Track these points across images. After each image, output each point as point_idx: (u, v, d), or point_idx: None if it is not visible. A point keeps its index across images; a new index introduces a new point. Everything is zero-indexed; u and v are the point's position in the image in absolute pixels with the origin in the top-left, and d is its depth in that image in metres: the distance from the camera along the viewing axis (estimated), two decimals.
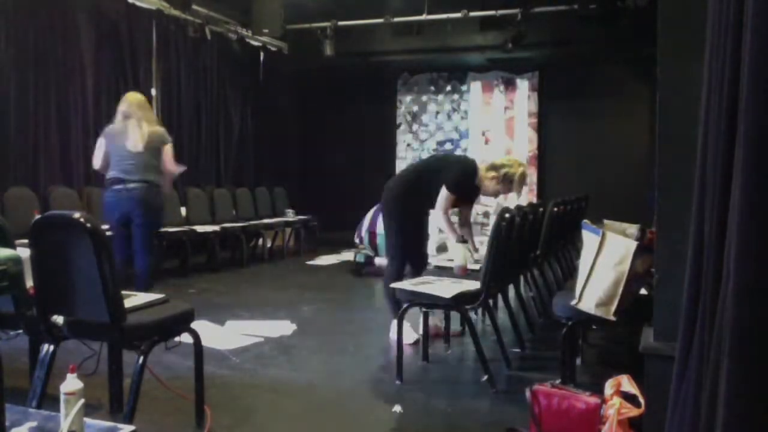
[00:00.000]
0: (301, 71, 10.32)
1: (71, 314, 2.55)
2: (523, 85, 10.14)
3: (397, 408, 3.07)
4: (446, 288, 3.53)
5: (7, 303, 2.60)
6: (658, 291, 2.21)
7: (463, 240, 4.30)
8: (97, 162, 4.88)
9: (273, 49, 10.09)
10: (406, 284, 3.67)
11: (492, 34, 8.94)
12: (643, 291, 2.90)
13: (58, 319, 2.57)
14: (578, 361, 3.64)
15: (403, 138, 10.83)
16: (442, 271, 4.12)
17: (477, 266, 3.90)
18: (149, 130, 4.75)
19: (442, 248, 5.19)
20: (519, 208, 4.11)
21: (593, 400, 2.42)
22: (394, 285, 3.71)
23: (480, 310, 4.67)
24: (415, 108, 10.73)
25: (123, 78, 7.34)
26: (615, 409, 2.28)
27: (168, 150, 4.82)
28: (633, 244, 2.61)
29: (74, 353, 3.08)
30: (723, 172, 1.41)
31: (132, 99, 4.84)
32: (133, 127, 4.71)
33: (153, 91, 7.82)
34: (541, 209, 4.85)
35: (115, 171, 4.71)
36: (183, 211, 7.72)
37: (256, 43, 9.73)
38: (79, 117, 6.76)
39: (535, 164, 10.11)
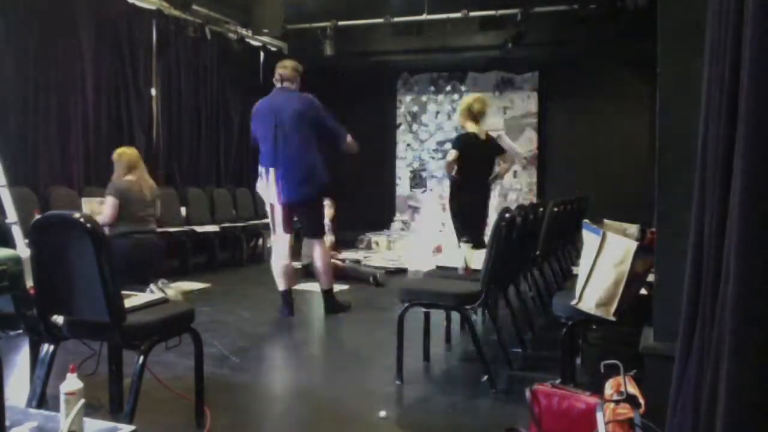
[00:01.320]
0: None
1: (71, 314, 2.55)
2: (523, 85, 10.14)
3: (383, 413, 3.03)
4: (446, 287, 3.53)
5: (7, 303, 2.60)
6: (658, 291, 2.22)
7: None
8: None
9: (273, 49, 10.09)
10: (407, 282, 3.68)
11: (492, 34, 8.93)
12: (643, 291, 2.90)
13: (58, 319, 2.57)
14: (578, 360, 3.64)
15: (403, 138, 10.83)
16: (445, 272, 4.12)
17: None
18: None
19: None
20: (520, 207, 4.11)
21: (593, 400, 2.41)
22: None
23: (480, 310, 4.67)
24: (415, 108, 10.73)
25: (123, 78, 7.34)
26: (610, 409, 2.28)
27: None
28: (633, 245, 2.61)
29: (74, 353, 3.09)
30: (723, 171, 1.41)
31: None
32: None
33: (153, 91, 7.82)
34: (541, 209, 4.85)
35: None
36: (183, 211, 7.72)
37: (256, 43, 9.73)
38: (79, 117, 6.75)
39: (535, 164, 10.12)
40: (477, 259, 4.09)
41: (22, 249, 2.68)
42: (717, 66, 1.51)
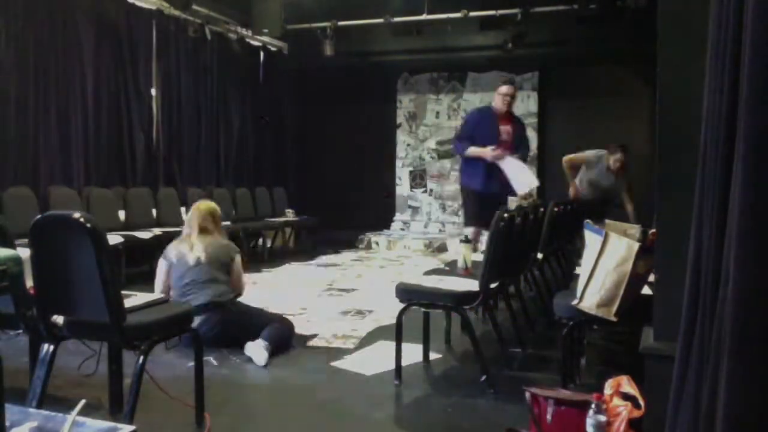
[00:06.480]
0: (301, 71, 10.32)
1: (71, 314, 2.55)
2: (523, 85, 10.14)
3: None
4: (445, 287, 3.53)
5: (7, 303, 2.60)
6: (658, 291, 2.21)
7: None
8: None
9: (273, 49, 10.09)
10: (406, 283, 3.68)
11: (492, 34, 8.94)
12: (648, 291, 2.89)
13: (58, 319, 2.57)
14: (583, 361, 3.64)
15: (403, 138, 10.84)
16: (442, 272, 4.12)
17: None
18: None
19: None
20: (519, 207, 4.11)
21: (593, 400, 2.41)
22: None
23: (480, 310, 4.67)
24: (415, 108, 10.73)
25: (123, 78, 7.35)
26: (610, 410, 2.28)
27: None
28: (635, 246, 2.60)
29: (74, 353, 3.09)
30: (723, 172, 1.41)
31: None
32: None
33: (153, 91, 7.82)
34: (541, 209, 4.85)
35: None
36: (183, 211, 7.71)
37: (256, 43, 9.73)
38: (79, 117, 6.76)
39: (535, 164, 10.10)
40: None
41: (22, 249, 2.68)
42: (717, 66, 1.51)
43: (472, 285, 3.53)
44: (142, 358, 2.51)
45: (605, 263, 2.66)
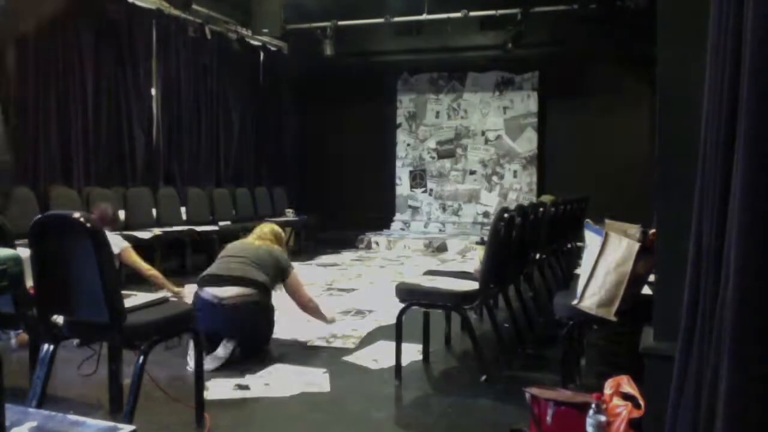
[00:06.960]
0: (301, 71, 10.32)
1: (71, 314, 2.55)
2: (523, 85, 10.15)
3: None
4: (445, 287, 3.53)
5: (7, 303, 2.60)
6: (658, 291, 2.21)
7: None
8: None
9: (273, 49, 10.10)
10: (406, 283, 3.68)
11: (492, 34, 8.95)
12: (648, 291, 2.89)
13: (58, 319, 2.57)
14: (583, 361, 3.63)
15: (403, 138, 10.84)
16: (442, 272, 4.12)
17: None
18: None
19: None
20: (519, 207, 4.11)
21: (593, 400, 2.41)
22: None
23: (480, 310, 4.67)
24: (415, 108, 10.74)
25: (123, 78, 7.35)
26: (610, 410, 2.28)
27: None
28: (636, 246, 2.60)
29: (74, 353, 3.09)
30: (723, 172, 1.41)
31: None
32: None
33: (153, 91, 7.82)
34: (541, 209, 4.85)
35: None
36: (183, 211, 7.72)
37: (256, 43, 9.74)
38: (79, 117, 6.76)
39: (535, 164, 10.12)
40: None
41: (22, 249, 2.69)
42: (717, 66, 1.51)
43: (472, 285, 3.53)
44: (142, 358, 2.51)
45: (605, 263, 2.66)
